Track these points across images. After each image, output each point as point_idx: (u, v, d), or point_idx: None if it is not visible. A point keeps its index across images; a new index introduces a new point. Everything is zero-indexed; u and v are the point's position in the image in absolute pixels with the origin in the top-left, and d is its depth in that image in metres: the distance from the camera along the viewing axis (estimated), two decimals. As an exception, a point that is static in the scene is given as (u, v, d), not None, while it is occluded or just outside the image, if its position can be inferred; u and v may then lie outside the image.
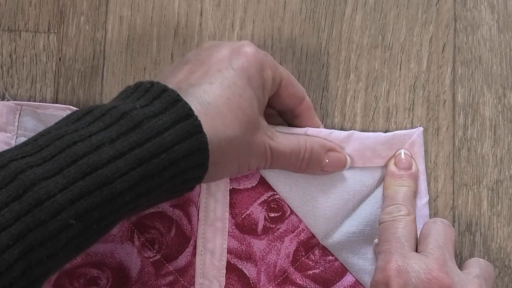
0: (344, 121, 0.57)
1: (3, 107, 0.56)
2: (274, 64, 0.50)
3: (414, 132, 0.54)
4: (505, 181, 0.56)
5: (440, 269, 0.46)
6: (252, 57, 0.48)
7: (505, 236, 0.55)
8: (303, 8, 0.58)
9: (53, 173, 0.39)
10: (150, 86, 0.44)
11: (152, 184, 0.42)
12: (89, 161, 0.40)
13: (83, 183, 0.39)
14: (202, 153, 0.43)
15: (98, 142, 0.40)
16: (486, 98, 0.56)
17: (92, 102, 0.58)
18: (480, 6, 0.57)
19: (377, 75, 0.57)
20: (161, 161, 0.42)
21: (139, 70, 0.58)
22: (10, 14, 0.59)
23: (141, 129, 0.42)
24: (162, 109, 0.43)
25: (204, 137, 0.43)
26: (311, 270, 0.54)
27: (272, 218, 0.54)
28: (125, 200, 0.41)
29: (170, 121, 0.42)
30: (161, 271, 0.54)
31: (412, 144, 0.54)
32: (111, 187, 0.40)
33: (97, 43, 0.58)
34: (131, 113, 0.42)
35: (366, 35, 0.57)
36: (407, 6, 0.57)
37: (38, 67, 0.59)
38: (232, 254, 0.54)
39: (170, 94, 0.43)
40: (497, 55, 0.56)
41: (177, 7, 0.58)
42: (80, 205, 0.39)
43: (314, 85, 0.57)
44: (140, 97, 0.44)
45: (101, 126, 0.41)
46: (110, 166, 0.40)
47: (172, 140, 0.42)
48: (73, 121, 0.42)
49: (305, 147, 0.51)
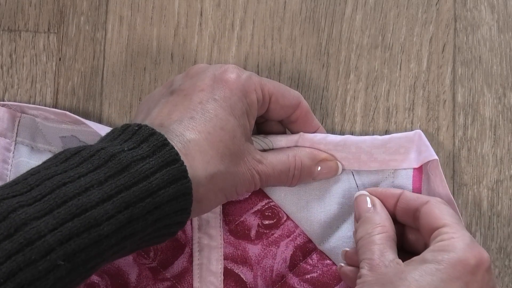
0: (344, 121, 0.57)
1: (5, 113, 0.56)
2: (260, 84, 0.49)
3: (411, 134, 0.52)
4: (505, 181, 0.56)
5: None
6: (234, 84, 0.48)
7: (505, 236, 0.55)
8: (303, 8, 0.58)
9: (44, 213, 0.39)
10: (138, 129, 0.45)
11: (136, 227, 0.42)
12: (79, 202, 0.40)
13: (72, 224, 0.39)
14: (186, 198, 0.44)
15: (87, 184, 0.41)
16: (486, 98, 0.56)
17: (92, 102, 0.58)
18: (480, 6, 0.57)
19: (377, 75, 0.57)
20: (146, 204, 0.42)
21: (139, 70, 0.58)
22: (10, 14, 0.59)
23: (129, 173, 0.42)
24: (150, 153, 0.43)
25: (189, 183, 0.44)
26: (309, 274, 0.54)
27: (266, 225, 0.54)
28: (111, 243, 0.41)
29: (157, 165, 0.43)
30: (158, 276, 0.54)
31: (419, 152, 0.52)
32: (99, 229, 0.40)
33: (97, 43, 0.59)
34: (119, 156, 0.42)
35: (366, 35, 0.57)
36: (407, 6, 0.57)
37: (38, 67, 0.59)
38: (228, 259, 0.54)
39: (157, 138, 0.44)
40: (497, 55, 0.56)
41: (177, 7, 0.58)
42: (69, 246, 0.39)
43: (314, 85, 0.57)
44: (127, 139, 0.44)
45: (89, 167, 0.42)
46: (99, 209, 0.40)
47: (158, 184, 0.43)
48: (62, 161, 0.43)
49: (294, 165, 0.51)
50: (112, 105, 0.58)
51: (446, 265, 0.43)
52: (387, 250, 0.46)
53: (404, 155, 0.52)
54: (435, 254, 0.44)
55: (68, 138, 0.56)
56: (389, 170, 0.53)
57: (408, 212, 0.50)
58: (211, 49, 0.58)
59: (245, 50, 0.58)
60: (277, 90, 0.51)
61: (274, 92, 0.50)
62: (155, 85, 0.58)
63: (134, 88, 0.58)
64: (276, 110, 0.51)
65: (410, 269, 0.44)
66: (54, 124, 0.56)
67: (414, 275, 0.43)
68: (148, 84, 0.58)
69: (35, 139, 0.56)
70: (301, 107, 0.52)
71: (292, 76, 0.57)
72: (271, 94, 0.50)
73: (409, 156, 0.52)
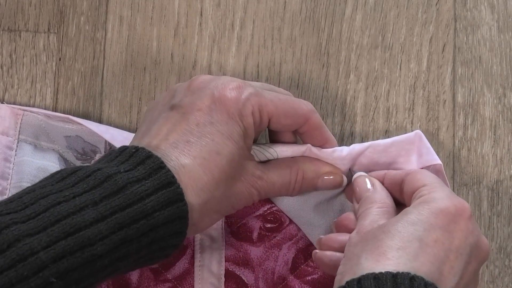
0: (344, 121, 0.57)
1: (6, 110, 0.56)
2: (259, 105, 0.48)
3: (411, 136, 0.52)
4: (505, 181, 0.56)
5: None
6: (232, 107, 0.47)
7: (505, 236, 0.55)
8: (303, 8, 0.58)
9: (37, 231, 0.39)
10: (135, 151, 0.45)
11: (130, 248, 0.42)
12: (72, 221, 0.40)
13: (66, 243, 0.40)
14: (181, 221, 0.44)
15: (82, 204, 0.41)
16: (486, 98, 0.56)
17: (92, 102, 0.58)
18: (480, 6, 0.57)
19: (377, 75, 0.57)
20: (141, 226, 0.42)
21: (139, 70, 0.58)
22: (10, 14, 0.59)
23: (124, 194, 0.42)
24: (146, 175, 0.43)
25: (185, 206, 0.44)
26: (310, 276, 0.54)
27: (268, 228, 0.54)
28: (104, 263, 0.41)
29: (152, 188, 0.43)
30: (160, 277, 0.54)
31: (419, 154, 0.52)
32: (92, 249, 0.40)
33: (97, 43, 0.58)
34: (115, 177, 0.43)
35: (366, 35, 0.57)
36: (407, 6, 0.57)
37: (38, 67, 0.59)
38: (230, 261, 0.54)
39: (154, 160, 0.44)
40: (497, 55, 0.56)
41: (177, 7, 0.58)
42: (62, 264, 0.39)
43: (314, 85, 0.57)
44: (124, 161, 0.44)
45: (85, 187, 0.42)
46: (92, 229, 0.41)
47: (153, 206, 0.43)
48: (58, 181, 0.43)
49: (295, 179, 0.50)
50: (112, 105, 0.58)
51: (427, 215, 0.44)
52: (381, 220, 0.46)
53: (405, 157, 0.52)
54: (416, 207, 0.45)
55: (73, 138, 0.56)
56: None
57: (395, 187, 0.50)
58: (211, 49, 0.58)
59: (245, 50, 0.58)
60: (280, 110, 0.49)
61: (275, 113, 0.49)
62: (155, 85, 0.58)
63: (134, 88, 0.58)
64: (279, 128, 0.50)
65: (393, 222, 0.44)
66: (59, 123, 0.56)
67: (397, 227, 0.43)
68: (148, 84, 0.58)
69: (39, 137, 0.56)
70: (309, 124, 0.50)
71: (292, 76, 0.57)
72: (270, 115, 0.49)
73: (410, 159, 0.52)
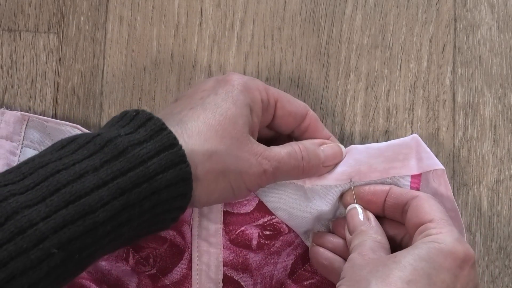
0: (344, 121, 0.57)
1: (11, 116, 0.56)
2: (264, 86, 0.49)
3: (408, 140, 0.51)
4: (505, 181, 0.56)
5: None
6: (237, 81, 0.48)
7: (505, 236, 0.55)
8: (303, 8, 0.58)
9: (36, 202, 0.39)
10: (136, 114, 0.44)
11: (133, 213, 0.42)
12: (72, 189, 0.40)
13: (66, 211, 0.39)
14: (185, 183, 0.43)
15: (82, 171, 0.40)
16: (486, 98, 0.56)
17: (92, 102, 0.58)
18: (480, 6, 0.57)
19: (377, 75, 0.57)
20: (143, 190, 0.42)
21: (139, 70, 0.58)
22: (10, 14, 0.59)
23: (125, 157, 0.42)
24: (147, 137, 0.43)
25: (188, 167, 0.43)
26: (308, 281, 0.54)
27: (267, 236, 0.54)
28: (106, 230, 0.41)
29: (154, 150, 0.42)
30: (157, 283, 0.54)
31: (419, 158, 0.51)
32: (94, 216, 0.40)
33: (97, 43, 0.59)
34: (115, 141, 0.42)
35: (366, 35, 0.57)
36: (407, 6, 0.57)
37: (38, 67, 0.59)
38: (228, 266, 0.54)
39: (155, 122, 0.43)
40: (497, 55, 0.56)
41: (177, 7, 0.58)
42: (63, 234, 0.39)
43: (314, 85, 0.57)
44: (125, 125, 0.44)
45: (85, 154, 0.41)
46: (93, 195, 0.40)
47: (155, 169, 0.42)
48: (58, 149, 0.42)
49: (299, 147, 0.50)
50: (112, 105, 0.58)
51: (438, 255, 0.44)
52: (380, 253, 0.47)
53: (403, 161, 0.51)
54: (427, 243, 0.45)
55: None
56: (387, 178, 0.52)
57: (397, 207, 0.50)
58: (211, 49, 0.58)
59: (245, 50, 0.58)
60: (283, 96, 0.50)
61: (280, 97, 0.50)
62: (155, 85, 0.58)
63: (134, 88, 0.58)
64: (284, 118, 0.50)
65: (404, 254, 0.44)
66: (64, 128, 0.55)
67: (408, 260, 0.44)
68: (148, 84, 0.58)
69: (43, 142, 0.56)
70: (309, 116, 0.51)
71: (292, 76, 0.57)
72: (276, 98, 0.50)
73: (408, 163, 0.51)
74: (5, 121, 0.56)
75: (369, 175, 0.52)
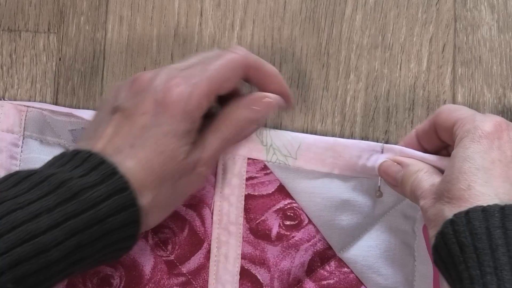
0: (344, 121, 0.57)
1: (10, 108, 0.56)
2: (208, 91, 0.49)
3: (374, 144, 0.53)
4: (505, 181, 0.56)
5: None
6: (178, 106, 0.47)
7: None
8: (303, 8, 0.58)
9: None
10: (88, 156, 0.45)
11: (84, 253, 0.44)
12: (28, 228, 0.41)
13: (21, 249, 0.41)
14: (134, 225, 0.45)
15: (37, 211, 0.42)
16: (486, 98, 0.56)
17: (92, 102, 0.58)
18: (480, 6, 0.57)
19: (377, 75, 0.57)
20: (94, 232, 0.44)
21: (139, 70, 0.58)
22: (10, 14, 0.59)
23: (78, 200, 0.43)
24: (99, 181, 0.44)
25: (138, 211, 0.45)
26: (326, 281, 0.54)
27: (287, 226, 0.54)
28: (59, 268, 0.43)
29: (106, 193, 0.44)
30: (173, 270, 0.54)
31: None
32: (47, 255, 0.42)
33: (97, 43, 0.59)
34: (69, 183, 0.43)
35: (366, 35, 0.57)
36: (407, 6, 0.57)
37: (38, 67, 0.59)
38: (246, 259, 0.54)
39: (107, 166, 0.45)
40: (497, 55, 0.56)
41: (177, 7, 0.58)
42: (18, 270, 0.40)
43: (314, 85, 0.57)
44: (77, 165, 0.45)
45: (39, 194, 0.43)
46: (47, 235, 0.42)
47: (106, 212, 0.44)
48: (13, 185, 0.44)
49: (225, 125, 0.51)
50: (112, 105, 0.58)
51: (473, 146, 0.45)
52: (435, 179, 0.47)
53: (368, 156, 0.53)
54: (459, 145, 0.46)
55: (78, 131, 0.56)
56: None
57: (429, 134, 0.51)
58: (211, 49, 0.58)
59: (245, 50, 0.58)
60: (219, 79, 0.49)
61: (218, 85, 0.49)
62: (155, 85, 0.58)
63: (134, 88, 0.58)
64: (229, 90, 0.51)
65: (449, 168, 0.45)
66: (63, 118, 0.56)
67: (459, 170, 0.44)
68: (148, 84, 0.58)
69: (44, 132, 0.56)
70: (254, 70, 0.51)
71: (292, 76, 0.57)
72: (216, 91, 0.49)
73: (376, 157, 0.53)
74: (4, 113, 0.56)
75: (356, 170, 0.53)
